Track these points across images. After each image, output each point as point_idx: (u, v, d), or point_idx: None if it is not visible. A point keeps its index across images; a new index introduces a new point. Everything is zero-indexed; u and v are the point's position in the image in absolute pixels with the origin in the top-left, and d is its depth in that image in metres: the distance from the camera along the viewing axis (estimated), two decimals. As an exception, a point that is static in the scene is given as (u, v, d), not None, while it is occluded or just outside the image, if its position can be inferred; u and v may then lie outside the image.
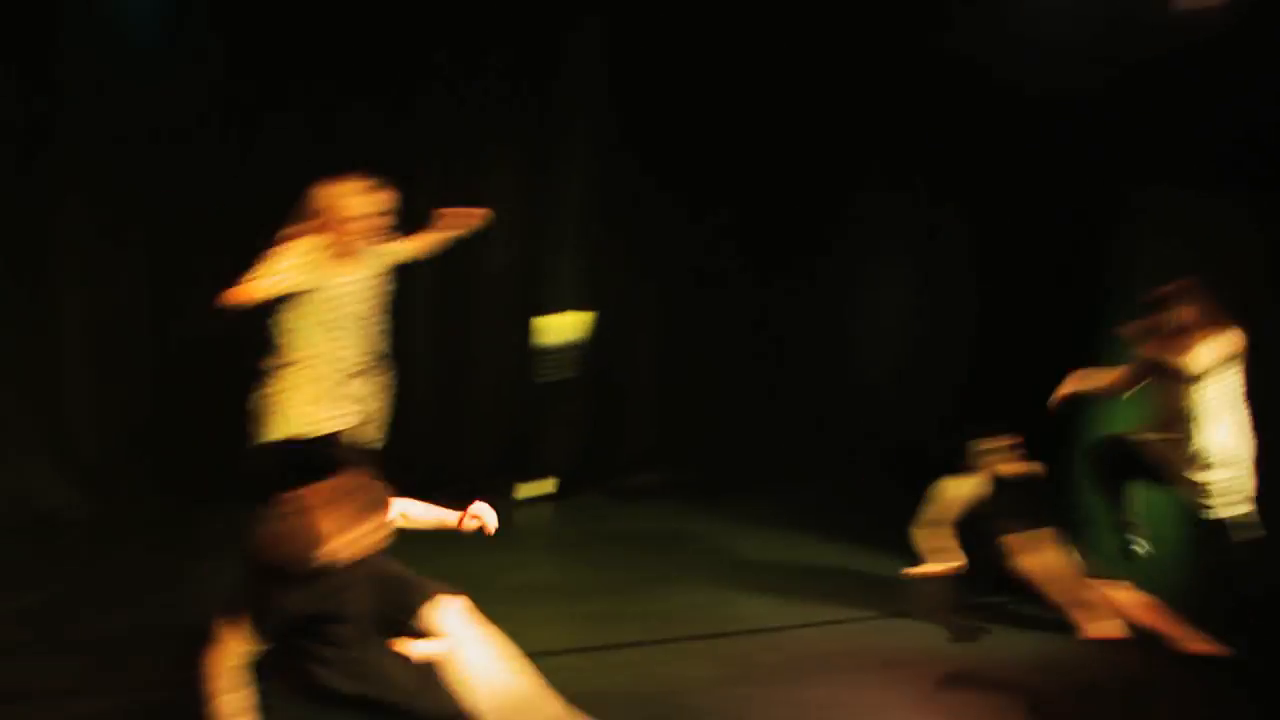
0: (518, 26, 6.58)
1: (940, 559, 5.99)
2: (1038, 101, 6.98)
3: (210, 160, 6.02)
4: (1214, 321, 5.00)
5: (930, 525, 5.86)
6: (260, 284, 4.37)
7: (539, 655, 4.64)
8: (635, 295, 7.21)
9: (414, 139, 6.38)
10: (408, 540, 5.81)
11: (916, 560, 5.92)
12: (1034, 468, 5.75)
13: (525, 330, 6.94)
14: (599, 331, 7.14)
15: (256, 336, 5.95)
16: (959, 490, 5.85)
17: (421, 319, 6.48)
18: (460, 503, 4.46)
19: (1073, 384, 5.30)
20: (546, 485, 6.97)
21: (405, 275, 6.23)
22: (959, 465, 5.92)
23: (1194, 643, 5.10)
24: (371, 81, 6.27)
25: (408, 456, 5.02)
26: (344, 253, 4.60)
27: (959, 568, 5.93)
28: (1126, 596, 5.40)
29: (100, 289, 5.92)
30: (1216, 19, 6.02)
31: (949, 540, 5.94)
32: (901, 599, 5.65)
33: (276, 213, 5.95)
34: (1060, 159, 7.14)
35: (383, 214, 4.61)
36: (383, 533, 3.69)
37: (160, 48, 5.78)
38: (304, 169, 6.00)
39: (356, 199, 4.57)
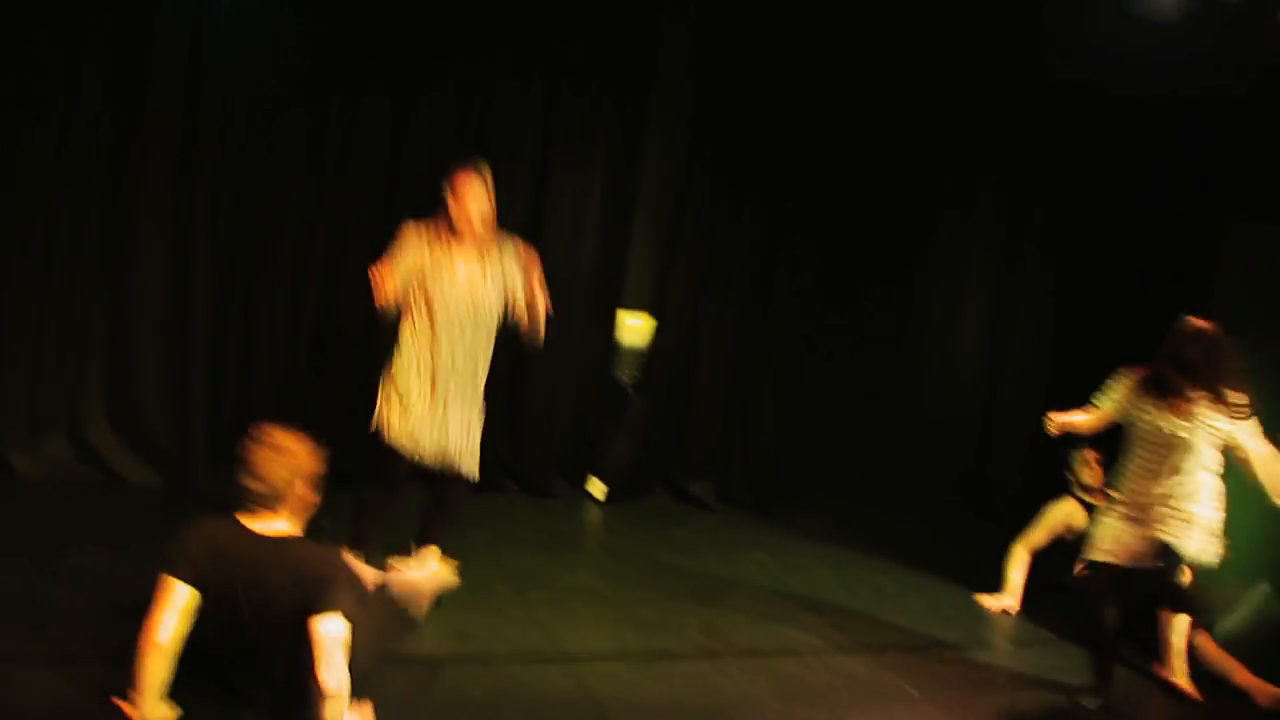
0: (609, 27, 6.53)
1: (1003, 594, 5.92)
2: (1130, 131, 6.83)
3: (289, 142, 6.03)
4: (1223, 376, 4.75)
5: (1024, 547, 5.87)
6: (388, 277, 4.49)
7: (584, 659, 4.63)
8: (708, 306, 7.11)
9: (497, 134, 6.34)
10: (463, 534, 5.87)
11: (985, 589, 5.88)
12: None
13: (598, 332, 6.90)
14: (669, 338, 7.06)
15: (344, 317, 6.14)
16: (1058, 514, 5.98)
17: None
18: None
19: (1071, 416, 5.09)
20: (601, 488, 6.91)
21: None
22: (1061, 488, 6.05)
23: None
24: (454, 71, 6.24)
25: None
26: (462, 240, 4.60)
27: (1008, 608, 5.86)
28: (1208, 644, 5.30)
29: (176, 268, 5.96)
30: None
31: (1023, 572, 5.89)
32: (964, 628, 5.55)
33: (351, 196, 6.14)
34: (1151, 191, 6.99)
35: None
36: None
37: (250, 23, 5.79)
38: (381, 155, 6.18)
39: (477, 187, 4.57)
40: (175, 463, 5.96)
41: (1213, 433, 4.75)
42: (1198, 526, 4.79)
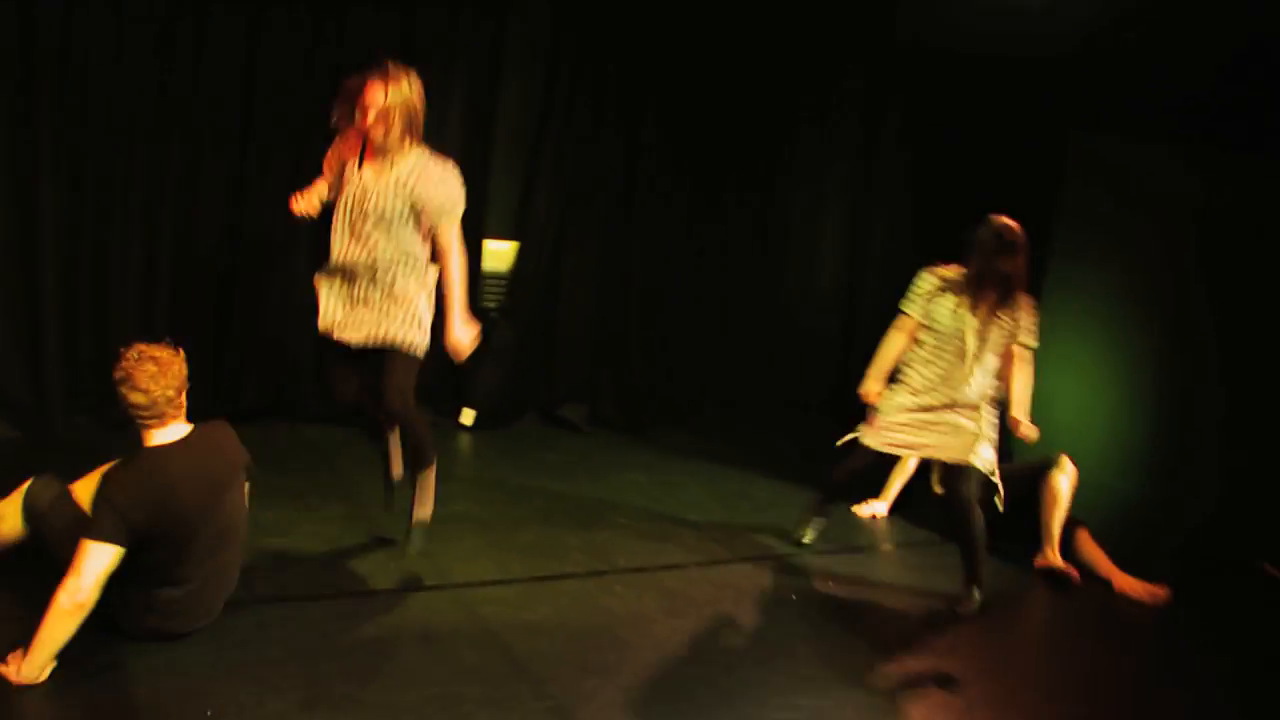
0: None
1: (879, 500, 6.11)
2: (991, 49, 7.00)
3: (136, 71, 5.71)
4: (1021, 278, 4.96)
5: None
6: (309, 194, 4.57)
7: (470, 585, 4.63)
8: (572, 227, 7.04)
9: (352, 56, 6.11)
10: (317, 468, 5.80)
11: (861, 498, 6.06)
12: None
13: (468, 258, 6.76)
14: (533, 262, 6.99)
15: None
16: None
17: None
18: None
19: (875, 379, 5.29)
20: (470, 416, 6.85)
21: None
22: None
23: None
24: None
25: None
26: (372, 152, 4.45)
27: (877, 513, 6.07)
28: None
29: (20, 209, 5.62)
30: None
31: (904, 477, 6.07)
32: (838, 536, 5.72)
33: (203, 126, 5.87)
34: (1006, 105, 7.19)
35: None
36: None
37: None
38: (233, 84, 5.92)
39: (371, 93, 4.33)
40: (30, 412, 5.70)
41: (1002, 335, 4.96)
42: (983, 429, 5.02)
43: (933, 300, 5.02)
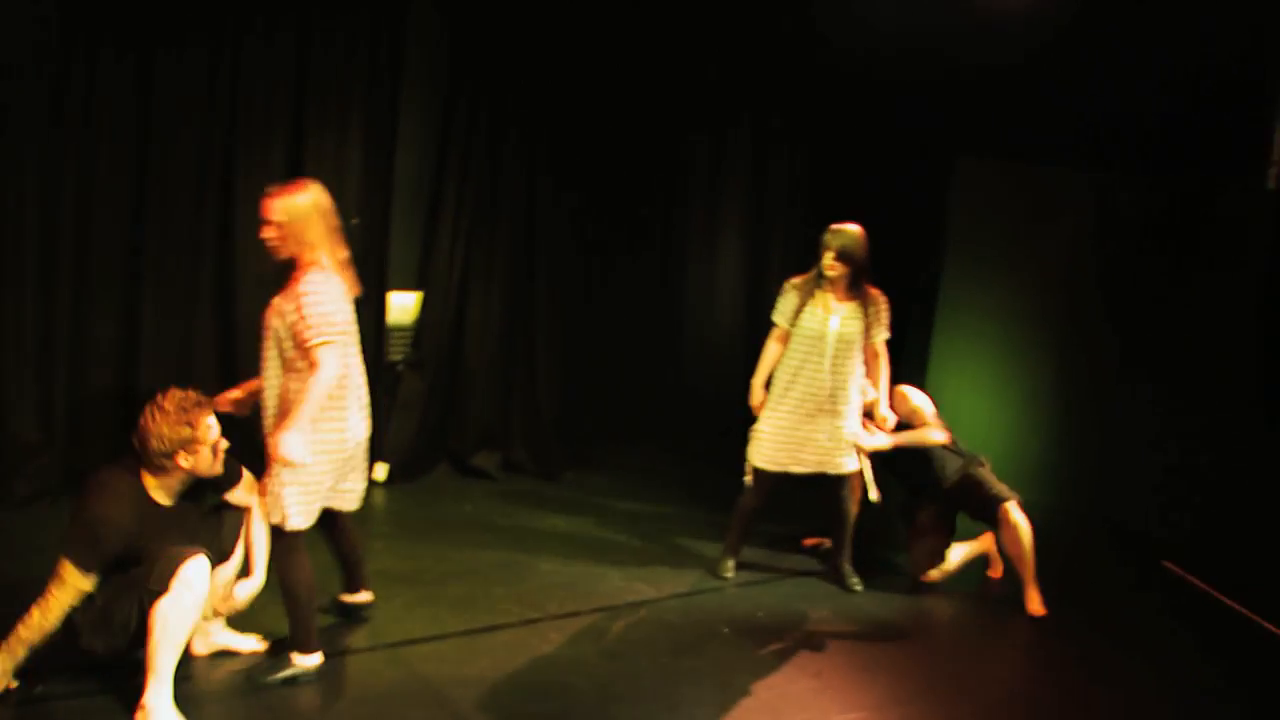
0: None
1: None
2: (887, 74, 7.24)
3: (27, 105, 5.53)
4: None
5: None
6: None
7: (403, 645, 4.58)
8: (475, 274, 7.01)
9: (249, 95, 6.05)
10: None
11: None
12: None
13: (367, 315, 6.68)
14: (438, 312, 6.95)
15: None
16: None
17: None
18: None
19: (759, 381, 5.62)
20: (383, 470, 6.77)
21: (231, 252, 6.04)
22: None
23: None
24: (197, 34, 5.87)
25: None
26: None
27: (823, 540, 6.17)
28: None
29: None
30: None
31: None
32: (766, 562, 5.82)
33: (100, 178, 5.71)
34: (896, 128, 7.45)
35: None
36: None
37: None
38: (128, 129, 5.76)
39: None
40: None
41: (859, 331, 5.36)
42: (851, 428, 5.43)
43: (791, 303, 5.44)
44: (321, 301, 3.98)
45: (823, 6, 7.24)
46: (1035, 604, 5.48)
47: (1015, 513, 5.45)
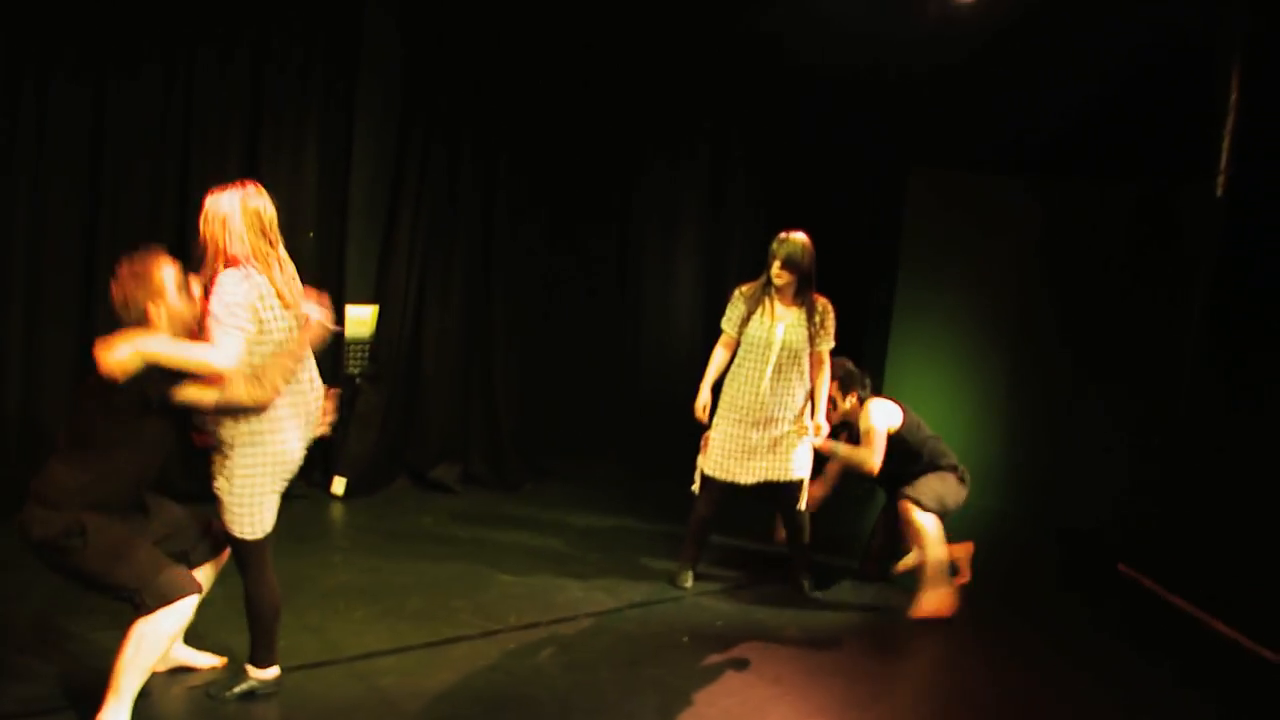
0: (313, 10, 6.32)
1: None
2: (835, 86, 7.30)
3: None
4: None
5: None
6: None
7: (363, 659, 4.56)
8: (431, 286, 7.02)
9: (202, 118, 6.02)
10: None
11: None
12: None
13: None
14: (395, 324, 6.93)
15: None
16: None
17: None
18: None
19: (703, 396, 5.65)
20: (341, 484, 6.74)
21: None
22: None
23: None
24: (153, 56, 5.86)
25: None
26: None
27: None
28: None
29: None
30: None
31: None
32: (724, 573, 5.84)
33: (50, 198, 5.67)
34: (851, 137, 7.52)
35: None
36: None
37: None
38: (81, 155, 5.73)
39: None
40: None
41: (803, 339, 5.40)
42: (797, 436, 5.49)
43: (739, 310, 5.49)
44: (230, 293, 3.81)
45: (775, 22, 7.30)
46: (922, 606, 5.55)
47: (915, 513, 5.53)
